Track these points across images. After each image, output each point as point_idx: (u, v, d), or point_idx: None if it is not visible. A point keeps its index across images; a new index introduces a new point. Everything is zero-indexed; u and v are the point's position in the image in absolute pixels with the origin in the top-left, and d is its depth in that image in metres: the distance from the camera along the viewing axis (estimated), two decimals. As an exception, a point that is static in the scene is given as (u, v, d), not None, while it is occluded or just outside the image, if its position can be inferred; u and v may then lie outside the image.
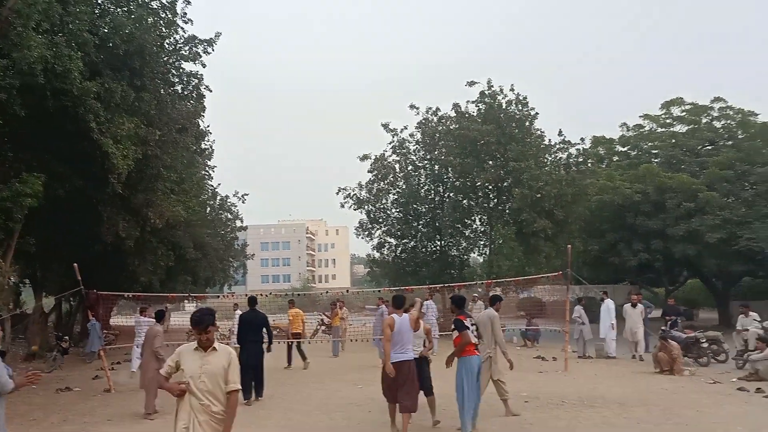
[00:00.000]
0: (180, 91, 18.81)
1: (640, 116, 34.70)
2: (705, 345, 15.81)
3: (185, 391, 4.69)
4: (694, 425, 8.64)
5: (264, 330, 11.67)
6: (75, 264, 13.67)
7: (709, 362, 15.54)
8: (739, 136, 31.34)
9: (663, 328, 15.64)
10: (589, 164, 27.70)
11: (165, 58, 17.02)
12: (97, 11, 15.15)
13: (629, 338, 16.89)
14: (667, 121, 33.84)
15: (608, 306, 17.82)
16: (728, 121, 32.18)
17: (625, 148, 35.13)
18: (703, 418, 9.14)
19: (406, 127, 28.13)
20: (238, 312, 19.94)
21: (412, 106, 27.82)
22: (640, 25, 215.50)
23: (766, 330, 14.86)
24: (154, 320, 17.98)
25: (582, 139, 27.20)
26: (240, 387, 4.86)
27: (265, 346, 11.78)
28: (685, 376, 13.50)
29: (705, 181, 28.09)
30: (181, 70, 18.48)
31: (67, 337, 20.08)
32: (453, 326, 8.32)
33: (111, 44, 14.51)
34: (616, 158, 34.88)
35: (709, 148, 32.01)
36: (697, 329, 17.51)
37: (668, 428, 8.51)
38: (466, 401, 8.02)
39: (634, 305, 16.96)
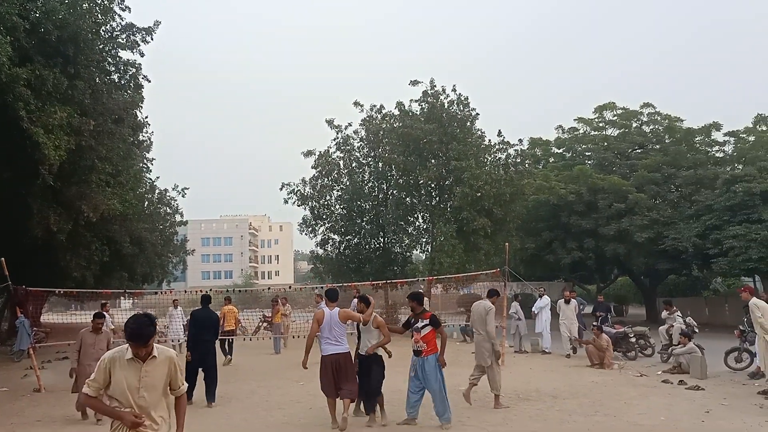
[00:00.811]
0: (117, 81, 18.23)
1: (574, 119, 36.02)
2: (633, 340, 16.56)
3: (140, 423, 4.07)
4: (621, 416, 9.06)
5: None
6: (1, 259, 13.08)
7: (636, 356, 16.29)
8: (666, 141, 32.94)
9: (594, 323, 16.23)
10: (527, 165, 28.42)
11: (101, 46, 16.48)
12: (28, -5, 14.52)
13: (565, 333, 17.13)
14: (600, 124, 35.19)
15: (544, 302, 18.42)
16: (656, 126, 33.78)
17: (561, 150, 36.33)
18: (630, 409, 9.59)
19: (350, 124, 28.24)
20: (178, 310, 19.59)
21: (356, 104, 27.88)
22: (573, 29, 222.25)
23: (688, 325, 15.67)
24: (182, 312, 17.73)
25: (520, 140, 27.91)
26: (187, 385, 4.52)
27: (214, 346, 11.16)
28: (614, 369, 14.11)
29: (634, 183, 29.39)
30: (118, 58, 17.93)
31: (-8, 335, 19.18)
32: (428, 323, 8.44)
33: (43, 29, 13.92)
34: (552, 159, 36.03)
35: (639, 151, 33.48)
36: (626, 325, 18.31)
37: (597, 419, 8.89)
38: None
39: (567, 301, 17.30)
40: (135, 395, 4.09)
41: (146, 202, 29.40)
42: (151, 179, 30.90)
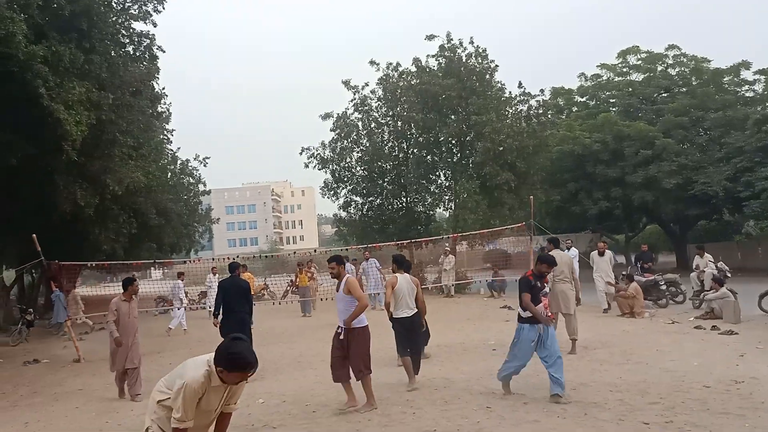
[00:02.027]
0: (132, 53, 18.18)
1: (597, 66, 35.07)
2: (663, 287, 16.40)
3: None
4: (653, 363, 9.02)
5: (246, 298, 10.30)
6: (33, 235, 13.34)
7: (667, 304, 16.16)
8: (693, 83, 31.96)
9: (624, 273, 16.03)
10: (549, 115, 27.91)
11: (113, 18, 16.38)
12: (38, -30, 14.40)
13: (600, 287, 16.18)
14: (624, 69, 34.25)
15: (573, 254, 18.22)
16: (682, 69, 32.74)
17: (584, 98, 35.52)
18: (662, 356, 9.54)
19: (367, 84, 27.81)
20: (216, 277, 19.86)
21: (372, 62, 27.44)
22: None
23: (720, 271, 15.45)
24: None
25: (542, 91, 27.31)
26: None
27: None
28: (645, 318, 14.02)
29: (661, 129, 28.68)
30: (131, 30, 17.84)
31: (31, 310, 19.73)
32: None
33: (55, 5, 13.82)
34: (575, 109, 35.29)
35: (665, 95, 32.57)
36: (656, 273, 18.12)
37: (629, 368, 8.87)
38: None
39: (601, 253, 16.35)
40: (206, 418, 3.79)
41: (169, 173, 29.71)
42: (172, 150, 31.12)
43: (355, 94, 27.66)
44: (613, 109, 32.92)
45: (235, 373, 3.54)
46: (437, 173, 27.75)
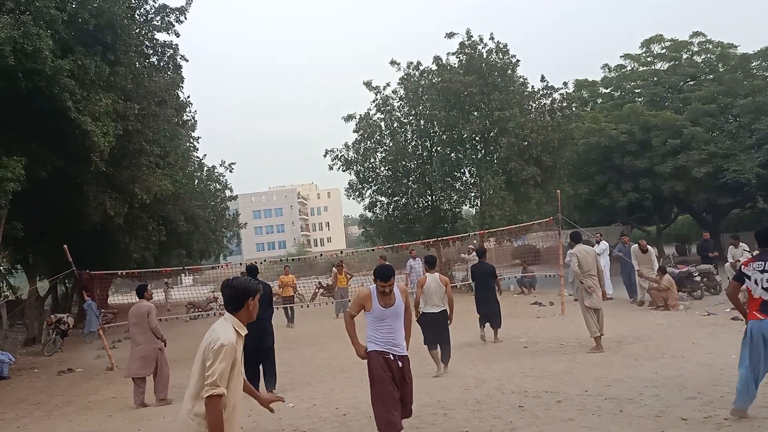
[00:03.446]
0: (156, 63, 18.49)
1: (620, 56, 34.58)
2: (698, 279, 16.04)
3: None
4: (690, 357, 8.82)
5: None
6: (65, 246, 13.59)
7: (702, 295, 15.78)
8: (720, 70, 31.32)
9: (660, 266, 15.62)
10: (574, 108, 27.53)
11: (137, 30, 16.66)
12: (62, -14, 14.69)
13: (641, 284, 15.46)
14: (648, 59, 33.70)
15: (603, 247, 17.92)
16: (708, 55, 32.10)
17: (609, 90, 35.05)
18: (699, 349, 9.32)
19: (388, 84, 27.80)
20: None
21: (393, 62, 27.44)
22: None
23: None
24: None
25: (565, 84, 26.95)
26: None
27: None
28: (679, 310, 13.74)
29: (689, 117, 28.15)
30: (154, 41, 18.14)
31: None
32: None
33: (80, 19, 14.10)
34: (600, 100, 34.84)
35: (691, 83, 31.97)
36: (689, 264, 17.74)
37: (665, 362, 8.68)
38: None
39: (644, 251, 15.53)
40: (240, 382, 3.65)
41: (196, 180, 30.08)
42: (198, 157, 31.51)
43: (376, 95, 27.68)
44: (639, 100, 32.40)
45: (254, 300, 3.69)
46: (462, 170, 27.61)
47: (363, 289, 5.86)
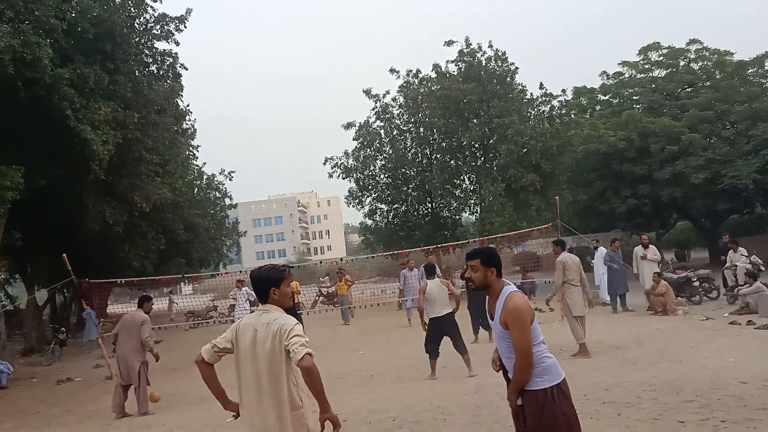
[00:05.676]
0: (155, 72, 18.53)
1: (618, 64, 34.65)
2: (696, 283, 16.04)
3: None
4: (688, 361, 8.83)
5: None
6: (64, 255, 13.60)
7: (701, 300, 15.78)
8: (717, 77, 31.45)
9: (656, 271, 15.66)
10: (572, 115, 27.69)
11: (136, 39, 16.72)
12: (61, -4, 14.78)
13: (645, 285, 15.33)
14: (646, 66, 33.82)
15: (601, 254, 17.92)
16: (705, 62, 32.26)
17: (607, 97, 35.17)
18: (697, 353, 9.33)
19: (388, 92, 27.92)
20: (242, 291, 19.94)
21: (392, 70, 27.56)
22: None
23: (754, 265, 15.08)
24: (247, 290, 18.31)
25: (563, 91, 27.13)
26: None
27: None
28: (678, 315, 13.73)
29: (687, 123, 28.23)
30: (154, 50, 18.19)
31: (63, 329, 20.05)
32: None
33: (80, 29, 14.18)
34: (598, 107, 34.95)
35: (689, 90, 32.09)
36: (688, 269, 17.73)
37: (663, 366, 8.69)
38: None
39: (646, 246, 15.68)
40: None
41: (195, 189, 30.12)
42: (197, 166, 31.55)
43: (376, 103, 27.79)
44: (637, 106, 32.50)
45: (279, 289, 3.70)
46: (461, 177, 27.67)
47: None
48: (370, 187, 28.19)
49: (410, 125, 27.86)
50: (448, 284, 9.51)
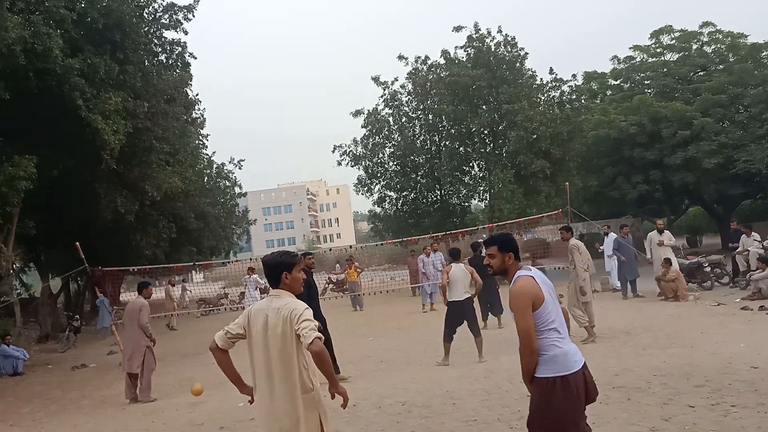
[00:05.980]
0: (164, 61, 18.58)
1: (630, 48, 34.23)
2: (708, 269, 15.97)
3: None
4: (698, 346, 8.81)
5: None
6: (77, 243, 13.73)
7: (712, 286, 15.71)
8: (730, 60, 31.00)
9: (666, 257, 15.60)
10: (583, 100, 27.48)
11: (145, 29, 16.74)
12: (71, -14, 14.81)
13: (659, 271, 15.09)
14: (658, 50, 33.39)
15: (611, 240, 17.87)
16: (718, 46, 31.77)
17: (618, 81, 34.77)
18: (708, 338, 9.32)
19: (396, 79, 27.82)
20: (252, 277, 20.15)
21: (400, 57, 27.45)
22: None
23: (767, 250, 14.99)
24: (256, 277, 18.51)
25: (574, 76, 26.92)
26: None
27: None
28: (689, 301, 13.70)
29: (699, 108, 27.91)
30: (163, 39, 18.22)
31: (77, 316, 20.31)
32: None
33: (89, 19, 14.23)
34: (609, 92, 34.58)
35: (701, 74, 31.68)
36: (700, 254, 17.66)
37: (673, 351, 8.68)
38: None
39: (661, 231, 15.60)
40: None
41: (206, 178, 30.22)
42: (207, 155, 31.65)
43: (384, 90, 27.71)
44: (648, 91, 32.15)
45: (291, 273, 3.74)
46: (471, 164, 27.60)
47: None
48: (378, 175, 28.18)
49: (419, 112, 27.78)
50: (472, 271, 9.59)
